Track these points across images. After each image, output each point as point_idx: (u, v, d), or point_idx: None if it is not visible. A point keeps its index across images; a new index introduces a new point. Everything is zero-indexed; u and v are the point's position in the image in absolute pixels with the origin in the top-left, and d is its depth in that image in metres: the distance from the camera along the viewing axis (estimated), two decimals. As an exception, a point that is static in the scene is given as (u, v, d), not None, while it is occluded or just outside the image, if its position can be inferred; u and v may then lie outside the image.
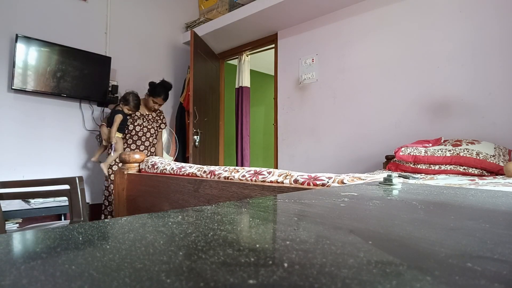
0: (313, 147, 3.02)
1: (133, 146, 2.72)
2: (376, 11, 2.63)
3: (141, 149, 2.75)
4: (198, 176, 1.11)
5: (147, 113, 2.83)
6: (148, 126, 2.79)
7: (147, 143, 2.78)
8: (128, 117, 2.70)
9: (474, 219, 0.33)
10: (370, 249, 0.22)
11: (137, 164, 1.49)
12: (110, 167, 2.63)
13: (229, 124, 4.62)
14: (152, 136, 2.82)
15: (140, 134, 2.73)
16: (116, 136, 2.58)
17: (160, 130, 2.91)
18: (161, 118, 2.94)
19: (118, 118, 2.57)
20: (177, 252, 0.22)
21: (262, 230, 0.28)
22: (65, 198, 2.76)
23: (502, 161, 1.62)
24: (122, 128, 2.62)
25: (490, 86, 2.08)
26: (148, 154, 2.78)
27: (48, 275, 0.17)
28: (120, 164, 1.53)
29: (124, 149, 2.68)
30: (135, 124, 2.72)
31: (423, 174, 1.74)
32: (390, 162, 2.10)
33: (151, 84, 2.77)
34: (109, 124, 2.63)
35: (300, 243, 0.24)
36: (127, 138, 2.72)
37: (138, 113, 2.76)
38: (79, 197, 1.34)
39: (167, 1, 3.79)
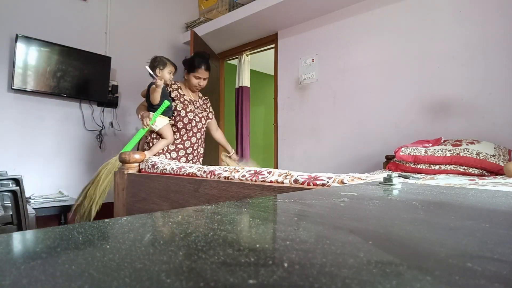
0: (313, 147, 3.02)
1: (184, 137, 2.14)
2: (376, 11, 2.63)
3: (192, 141, 2.17)
4: (198, 176, 1.11)
5: (195, 99, 2.24)
6: (199, 115, 2.21)
7: (199, 135, 2.22)
8: (168, 88, 2.11)
9: (474, 219, 0.33)
10: (370, 249, 0.22)
11: (137, 164, 1.49)
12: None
13: (229, 124, 4.62)
14: (203, 128, 2.27)
15: (193, 123, 2.16)
16: (160, 118, 1.98)
17: (209, 120, 2.35)
18: (208, 106, 2.35)
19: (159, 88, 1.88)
20: (177, 252, 0.22)
21: (262, 230, 0.28)
22: (66, 197, 2.77)
23: (502, 161, 1.62)
24: (168, 112, 2.02)
25: (490, 86, 2.08)
26: (199, 148, 2.27)
27: (48, 275, 0.17)
28: (121, 164, 1.53)
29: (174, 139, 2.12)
30: (187, 110, 2.12)
31: (423, 174, 1.74)
32: (390, 162, 2.10)
33: (186, 61, 2.21)
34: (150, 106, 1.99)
35: (300, 243, 0.24)
36: (178, 126, 2.11)
37: (187, 98, 2.17)
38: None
39: (167, 1, 3.79)
